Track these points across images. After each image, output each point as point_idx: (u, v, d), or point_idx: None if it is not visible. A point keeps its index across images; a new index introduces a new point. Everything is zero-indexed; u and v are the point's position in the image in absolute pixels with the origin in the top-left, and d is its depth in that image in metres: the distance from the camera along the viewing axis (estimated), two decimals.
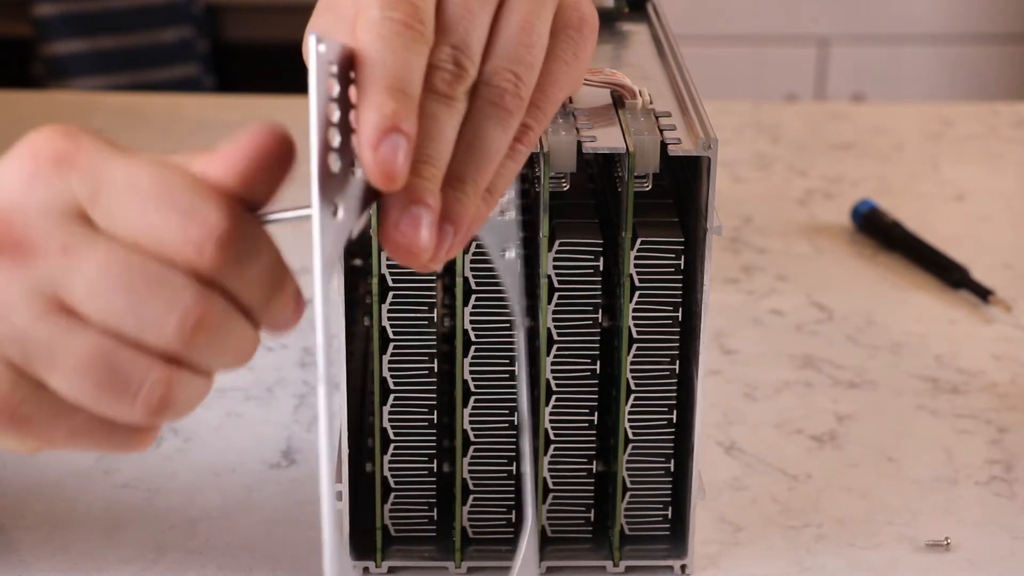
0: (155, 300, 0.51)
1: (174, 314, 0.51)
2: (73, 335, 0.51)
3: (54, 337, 0.51)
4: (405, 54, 0.52)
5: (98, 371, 0.51)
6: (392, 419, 0.69)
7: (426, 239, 0.52)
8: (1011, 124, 1.24)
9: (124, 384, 0.51)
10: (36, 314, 0.51)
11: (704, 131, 0.66)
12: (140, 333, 0.51)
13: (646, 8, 0.82)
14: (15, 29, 2.20)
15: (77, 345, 0.51)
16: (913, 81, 2.39)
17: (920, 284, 0.99)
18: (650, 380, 0.69)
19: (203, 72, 2.21)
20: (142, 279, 0.51)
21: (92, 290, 0.51)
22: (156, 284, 0.51)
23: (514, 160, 0.55)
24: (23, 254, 0.51)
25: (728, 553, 0.73)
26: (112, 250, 0.51)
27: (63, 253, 0.51)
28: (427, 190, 0.52)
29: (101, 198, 0.51)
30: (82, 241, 0.51)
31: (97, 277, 0.51)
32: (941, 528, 0.74)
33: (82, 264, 0.51)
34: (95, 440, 0.53)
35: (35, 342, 0.51)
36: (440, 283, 0.70)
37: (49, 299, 0.51)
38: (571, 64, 0.57)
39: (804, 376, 0.88)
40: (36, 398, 0.52)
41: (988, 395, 0.86)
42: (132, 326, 0.51)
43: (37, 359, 0.52)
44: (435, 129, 0.53)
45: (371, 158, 0.51)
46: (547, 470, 0.70)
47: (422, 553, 0.70)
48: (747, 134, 1.21)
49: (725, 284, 0.98)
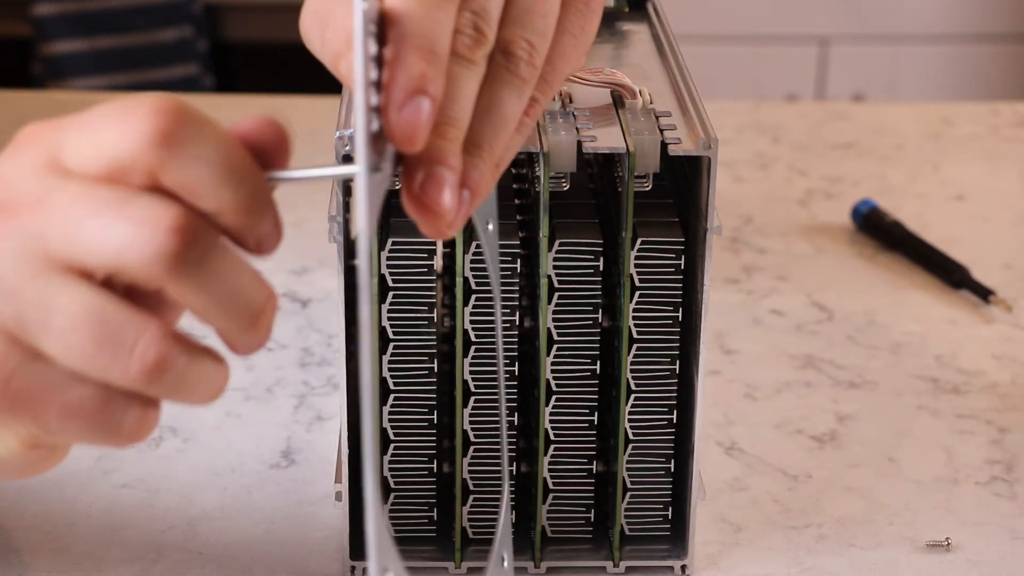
0: (124, 219, 0.50)
1: (146, 224, 0.50)
2: (66, 291, 0.51)
3: (47, 295, 0.51)
4: (437, 13, 0.52)
5: (92, 327, 0.51)
6: (392, 419, 0.69)
7: (448, 201, 0.52)
8: (1011, 124, 1.24)
9: (119, 340, 0.51)
10: (28, 274, 0.51)
11: (704, 131, 0.66)
12: (119, 258, 0.50)
13: (646, 8, 0.82)
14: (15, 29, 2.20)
15: (70, 302, 0.51)
16: (913, 81, 2.39)
17: (920, 284, 0.99)
18: (650, 380, 0.69)
19: (203, 72, 2.21)
20: (107, 201, 0.50)
21: (65, 228, 0.51)
22: (121, 204, 0.50)
23: (521, 133, 0.56)
24: (6, 215, 0.51)
25: (728, 553, 0.73)
26: (79, 187, 0.51)
27: (38, 204, 0.51)
28: (451, 151, 0.52)
29: (66, 142, 0.52)
30: (52, 188, 0.51)
31: (67, 215, 0.51)
32: (941, 528, 0.74)
33: (54, 208, 0.51)
34: (89, 420, 0.52)
35: (28, 302, 0.51)
36: (440, 283, 0.70)
37: (39, 257, 0.51)
38: (578, 38, 0.57)
39: (804, 376, 0.88)
40: (28, 370, 0.52)
41: (988, 395, 0.86)
42: (109, 252, 0.50)
43: (31, 321, 0.51)
44: (458, 92, 0.53)
45: (396, 118, 0.51)
46: (547, 470, 0.70)
47: (422, 553, 0.70)
48: (747, 134, 1.21)
49: (725, 284, 0.98)
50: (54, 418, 0.52)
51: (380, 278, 0.67)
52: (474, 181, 0.53)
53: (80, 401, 0.52)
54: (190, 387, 0.52)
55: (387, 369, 0.68)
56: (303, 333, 0.91)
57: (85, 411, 0.52)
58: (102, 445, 0.53)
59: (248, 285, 0.51)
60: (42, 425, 0.52)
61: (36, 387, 0.52)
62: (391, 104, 0.51)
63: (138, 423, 0.52)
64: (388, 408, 0.68)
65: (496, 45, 0.55)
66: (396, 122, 0.51)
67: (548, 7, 0.56)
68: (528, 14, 0.55)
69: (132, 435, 0.52)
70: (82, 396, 0.52)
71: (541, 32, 0.55)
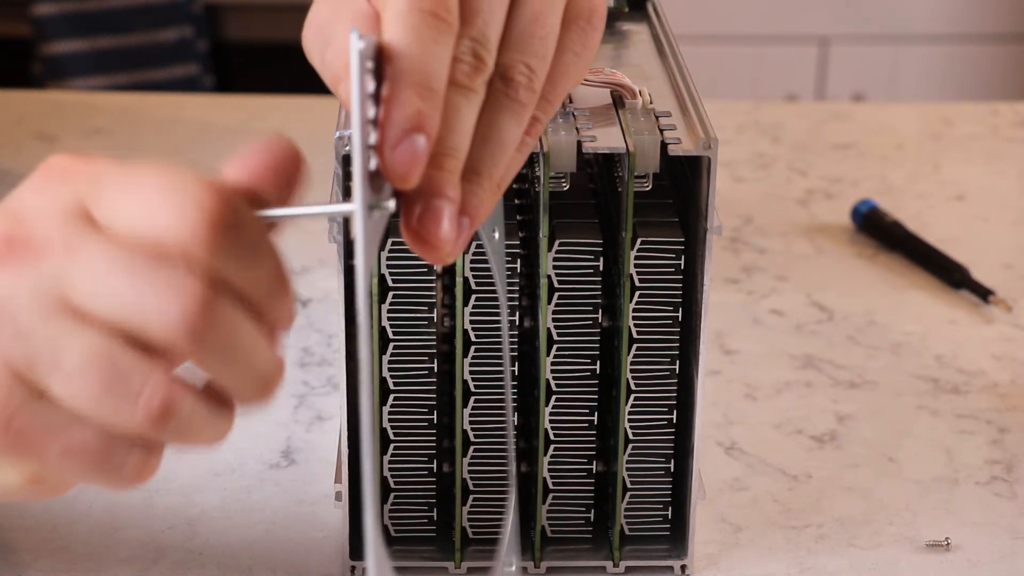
0: (155, 287, 0.51)
1: (176, 294, 0.51)
2: (77, 335, 0.51)
3: (59, 337, 0.51)
4: (434, 47, 0.52)
5: (101, 370, 0.51)
6: (392, 419, 0.69)
7: (447, 232, 0.53)
8: (1011, 124, 1.24)
9: (126, 385, 0.51)
10: (43, 315, 0.51)
11: (704, 131, 0.66)
12: (143, 322, 0.51)
13: (646, 8, 0.82)
14: (15, 29, 2.19)
15: (81, 344, 0.51)
16: (913, 81, 2.39)
17: (920, 284, 0.99)
18: (650, 380, 0.69)
19: (203, 72, 2.21)
20: (141, 267, 0.51)
21: (93, 282, 0.51)
22: (155, 272, 0.51)
23: (522, 152, 0.56)
24: (31, 254, 0.52)
25: (728, 553, 0.73)
26: (111, 243, 0.51)
27: (66, 250, 0.51)
28: (448, 182, 0.53)
29: (103, 196, 0.52)
30: (84, 237, 0.51)
31: (97, 269, 0.51)
32: (941, 528, 0.74)
33: (83, 258, 0.51)
34: (90, 461, 0.53)
35: (40, 342, 0.51)
36: (440, 283, 0.70)
37: (56, 300, 0.51)
38: (580, 55, 0.57)
39: (804, 376, 0.88)
40: (32, 408, 0.52)
41: (988, 395, 0.86)
42: (134, 315, 0.51)
43: (41, 360, 0.52)
44: (456, 121, 0.53)
45: (390, 157, 0.51)
46: (547, 470, 0.70)
47: (422, 553, 0.70)
48: (747, 134, 1.21)
49: (725, 284, 0.98)
50: (56, 458, 0.52)
51: (380, 278, 0.67)
52: (473, 207, 0.53)
53: (83, 442, 0.52)
54: (194, 433, 0.53)
55: (387, 369, 0.68)
56: (303, 333, 0.91)
57: (87, 452, 0.52)
58: (103, 486, 0.54)
59: (260, 356, 0.53)
60: (43, 464, 0.53)
61: (39, 426, 0.52)
62: (386, 143, 0.51)
63: (139, 467, 0.53)
64: (388, 408, 0.68)
65: (495, 70, 0.55)
66: (391, 161, 0.51)
67: (548, 28, 0.55)
68: (528, 37, 0.55)
69: (133, 478, 0.53)
70: (85, 437, 0.52)
71: (541, 55, 0.55)
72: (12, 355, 0.52)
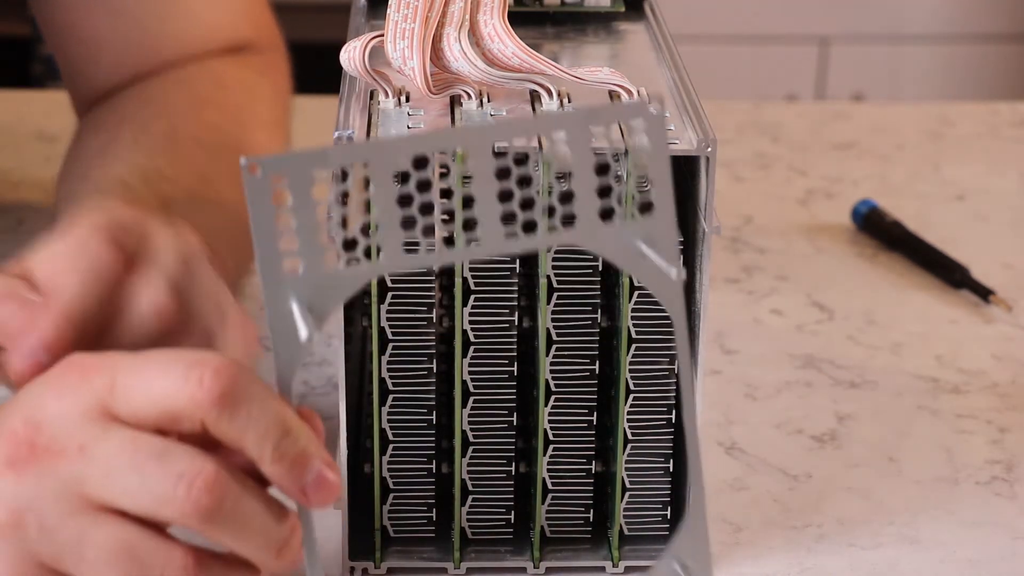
0: (164, 479, 0.55)
1: (182, 481, 0.55)
2: (99, 528, 0.56)
3: (82, 532, 0.56)
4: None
5: (123, 561, 0.56)
6: (391, 420, 0.69)
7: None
8: (1011, 124, 1.24)
9: (147, 571, 0.56)
10: (65, 513, 0.56)
11: (703, 131, 0.66)
12: (155, 509, 0.56)
13: (643, 7, 0.82)
14: (15, 29, 2.19)
15: (103, 537, 0.56)
16: (913, 81, 2.39)
17: (920, 284, 0.99)
18: (649, 380, 0.69)
19: None
20: (146, 455, 0.56)
21: (107, 480, 0.56)
22: (163, 463, 0.56)
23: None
24: (51, 457, 0.56)
25: (728, 553, 0.72)
26: (124, 439, 0.56)
27: (80, 451, 0.56)
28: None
29: (118, 386, 0.57)
30: (97, 436, 0.56)
31: (110, 467, 0.56)
32: (941, 528, 0.74)
33: (97, 459, 0.56)
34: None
35: (65, 538, 0.56)
36: (438, 283, 0.70)
37: (77, 497, 0.56)
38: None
39: (804, 376, 0.88)
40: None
41: (989, 395, 0.86)
42: (146, 503, 0.56)
43: (66, 554, 0.56)
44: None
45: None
46: (546, 470, 0.69)
47: (421, 554, 0.70)
48: (747, 134, 1.21)
49: (725, 284, 0.98)
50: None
51: (379, 279, 0.67)
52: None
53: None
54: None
55: (386, 370, 0.68)
56: None
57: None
58: None
59: (274, 522, 0.57)
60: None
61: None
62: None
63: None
64: (387, 409, 0.68)
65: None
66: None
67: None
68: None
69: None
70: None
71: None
72: (40, 550, 0.56)
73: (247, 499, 0.56)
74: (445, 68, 0.69)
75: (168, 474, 0.55)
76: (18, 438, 0.57)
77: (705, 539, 0.62)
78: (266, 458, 0.56)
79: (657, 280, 0.59)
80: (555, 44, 0.78)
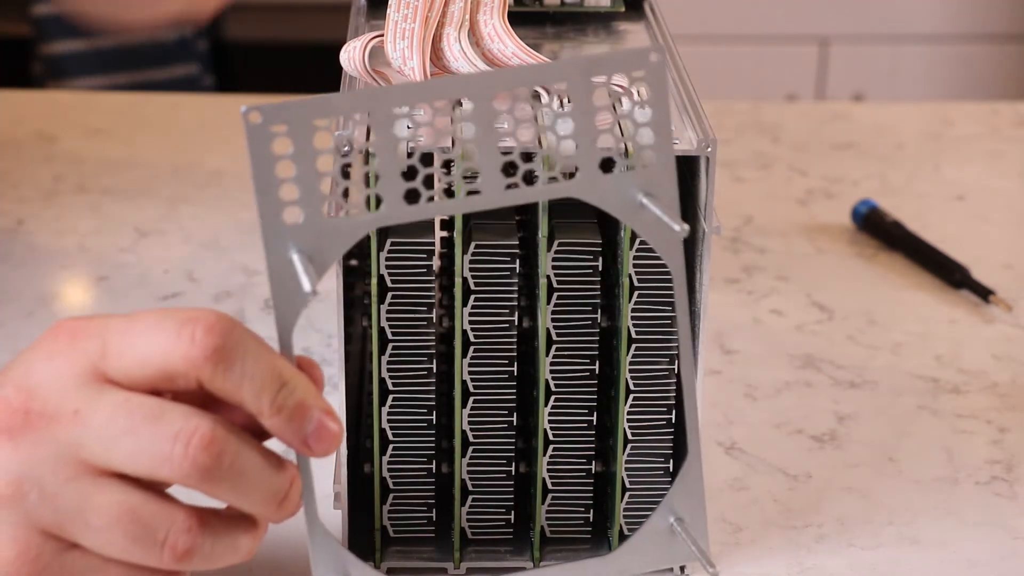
0: (159, 439, 0.55)
1: (178, 440, 0.55)
2: (100, 492, 0.56)
3: (83, 497, 0.56)
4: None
5: (127, 524, 0.56)
6: (391, 420, 0.69)
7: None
8: (1011, 124, 1.24)
9: (151, 534, 0.56)
10: (65, 478, 0.56)
11: (703, 131, 0.66)
12: (153, 470, 0.55)
13: (643, 7, 0.82)
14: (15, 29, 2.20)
15: (105, 501, 0.56)
16: (913, 81, 2.39)
17: (920, 284, 0.99)
18: (649, 380, 0.69)
19: (203, 72, 2.21)
20: (141, 416, 0.55)
21: (103, 442, 0.55)
22: (157, 423, 0.55)
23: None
24: (45, 423, 0.56)
25: (728, 553, 0.72)
26: (115, 399, 0.56)
27: (75, 416, 0.56)
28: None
29: (110, 347, 0.56)
30: (90, 400, 0.56)
31: (105, 430, 0.55)
32: (941, 528, 0.74)
33: (92, 422, 0.56)
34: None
35: (66, 504, 0.56)
36: (438, 283, 0.70)
37: (75, 462, 0.56)
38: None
39: (804, 376, 0.88)
40: (62, 562, 0.57)
41: (989, 395, 0.86)
42: (145, 464, 0.55)
43: (70, 521, 0.56)
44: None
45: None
46: (546, 470, 0.69)
47: (421, 554, 0.70)
48: (747, 134, 1.21)
49: (725, 284, 0.98)
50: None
51: (379, 278, 0.67)
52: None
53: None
54: (219, 558, 0.58)
55: (386, 370, 0.68)
56: (303, 333, 0.90)
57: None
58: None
59: (273, 475, 0.57)
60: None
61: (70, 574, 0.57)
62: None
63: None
64: (387, 409, 0.68)
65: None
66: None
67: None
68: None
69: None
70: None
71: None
72: (42, 518, 0.56)
73: (244, 453, 0.56)
74: (445, 68, 0.69)
75: (164, 434, 0.55)
76: (11, 405, 0.56)
77: (700, 492, 0.61)
78: (265, 411, 0.56)
79: (656, 232, 0.59)
80: (555, 44, 0.78)
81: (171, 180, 1.11)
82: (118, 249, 1.01)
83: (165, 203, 1.08)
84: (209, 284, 0.97)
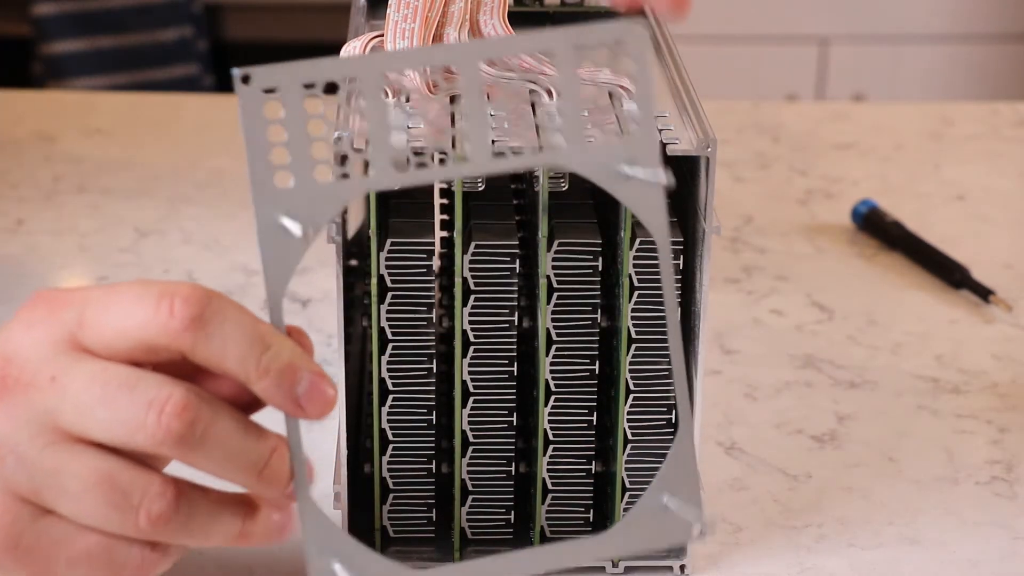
0: (134, 407, 0.55)
1: (152, 408, 0.55)
2: (76, 459, 0.56)
3: (60, 464, 0.56)
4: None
5: (104, 489, 0.56)
6: (391, 420, 0.69)
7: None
8: (1012, 124, 1.24)
9: (127, 499, 0.56)
10: (42, 444, 0.56)
11: (703, 131, 0.66)
12: (128, 438, 0.55)
13: (643, 7, 0.82)
14: (15, 29, 2.20)
15: (81, 468, 0.56)
16: (913, 81, 2.39)
17: (920, 284, 0.99)
18: (649, 380, 0.69)
19: (203, 71, 2.21)
20: (116, 385, 0.55)
21: (79, 410, 0.56)
22: (133, 392, 0.55)
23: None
24: (23, 390, 0.56)
25: (728, 553, 0.72)
26: (91, 368, 0.56)
27: (52, 383, 0.56)
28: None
29: (87, 317, 0.56)
30: (67, 368, 0.56)
31: (81, 397, 0.56)
32: (941, 528, 0.74)
33: (69, 389, 0.56)
34: (96, 564, 0.57)
35: (43, 471, 0.56)
36: (438, 283, 0.70)
37: (51, 429, 0.56)
38: None
39: (804, 376, 0.88)
40: (37, 527, 0.57)
41: (989, 395, 0.86)
42: (120, 433, 0.55)
43: (45, 486, 0.56)
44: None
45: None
46: (546, 470, 0.69)
47: (421, 554, 0.70)
48: (747, 134, 1.21)
49: (725, 284, 0.98)
50: (63, 567, 0.57)
51: (379, 278, 0.67)
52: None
53: (87, 548, 0.57)
54: (199, 532, 0.57)
55: (386, 370, 0.68)
56: None
57: (92, 557, 0.57)
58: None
59: (251, 443, 0.57)
60: (51, 573, 0.57)
61: (45, 542, 0.57)
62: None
63: (142, 563, 0.57)
64: (387, 409, 0.68)
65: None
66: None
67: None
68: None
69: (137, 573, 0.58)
70: (88, 544, 0.57)
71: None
72: (19, 484, 0.56)
73: (220, 421, 0.56)
74: (445, 68, 0.69)
75: (138, 402, 0.55)
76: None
77: (694, 470, 0.61)
78: (251, 375, 0.56)
79: (639, 200, 0.59)
80: None
81: (171, 180, 1.11)
82: (118, 249, 1.01)
83: (165, 203, 1.08)
84: (209, 284, 0.97)
